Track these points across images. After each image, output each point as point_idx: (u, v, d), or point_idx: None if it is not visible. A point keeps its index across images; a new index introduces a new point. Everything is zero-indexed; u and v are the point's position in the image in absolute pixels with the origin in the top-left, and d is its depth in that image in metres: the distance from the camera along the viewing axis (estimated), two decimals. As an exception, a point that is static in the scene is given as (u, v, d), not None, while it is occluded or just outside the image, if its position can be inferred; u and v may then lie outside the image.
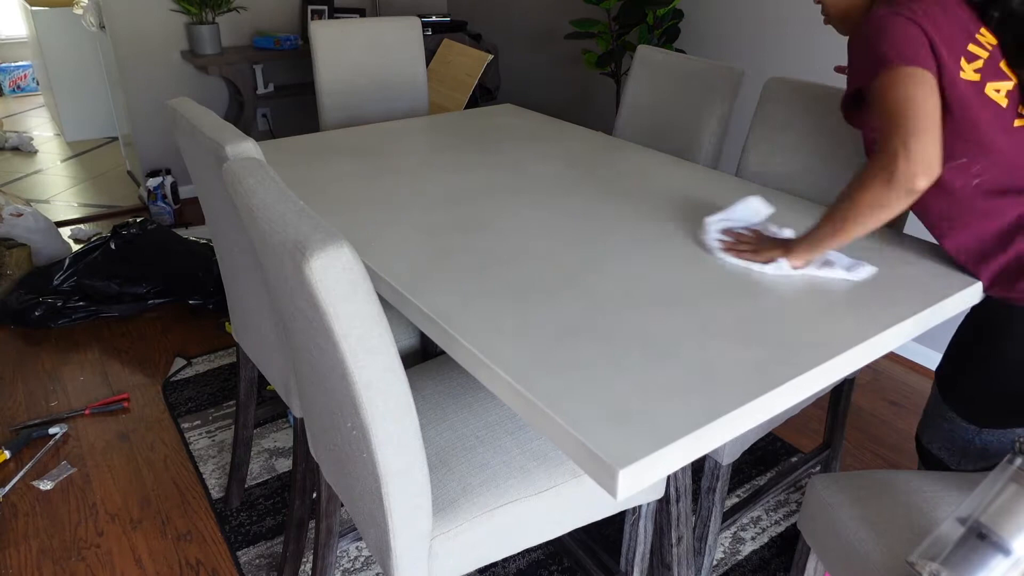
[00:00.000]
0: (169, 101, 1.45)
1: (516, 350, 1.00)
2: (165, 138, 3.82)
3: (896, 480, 1.19)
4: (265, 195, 0.97)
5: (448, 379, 1.36)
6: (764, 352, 1.00)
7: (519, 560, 1.70)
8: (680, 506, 1.27)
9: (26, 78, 6.19)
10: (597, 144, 1.95)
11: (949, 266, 1.28)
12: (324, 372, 0.98)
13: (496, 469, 1.15)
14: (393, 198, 1.55)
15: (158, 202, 3.57)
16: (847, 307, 1.13)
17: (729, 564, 1.71)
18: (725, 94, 1.97)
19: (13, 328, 2.67)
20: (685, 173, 1.73)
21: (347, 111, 2.53)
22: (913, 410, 2.29)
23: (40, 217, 3.00)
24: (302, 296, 0.89)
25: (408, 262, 1.25)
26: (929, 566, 0.88)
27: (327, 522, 1.34)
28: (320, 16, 3.98)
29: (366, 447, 0.95)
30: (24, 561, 1.70)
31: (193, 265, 2.81)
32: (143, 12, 3.56)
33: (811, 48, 2.59)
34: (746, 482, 1.96)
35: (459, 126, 2.12)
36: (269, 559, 1.71)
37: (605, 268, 1.24)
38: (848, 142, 1.65)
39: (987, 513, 0.87)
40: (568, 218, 1.45)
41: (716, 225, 1.35)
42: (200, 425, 2.16)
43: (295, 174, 1.70)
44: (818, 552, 1.20)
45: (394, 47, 2.56)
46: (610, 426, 0.85)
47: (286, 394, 1.45)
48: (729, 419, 0.88)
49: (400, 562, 1.05)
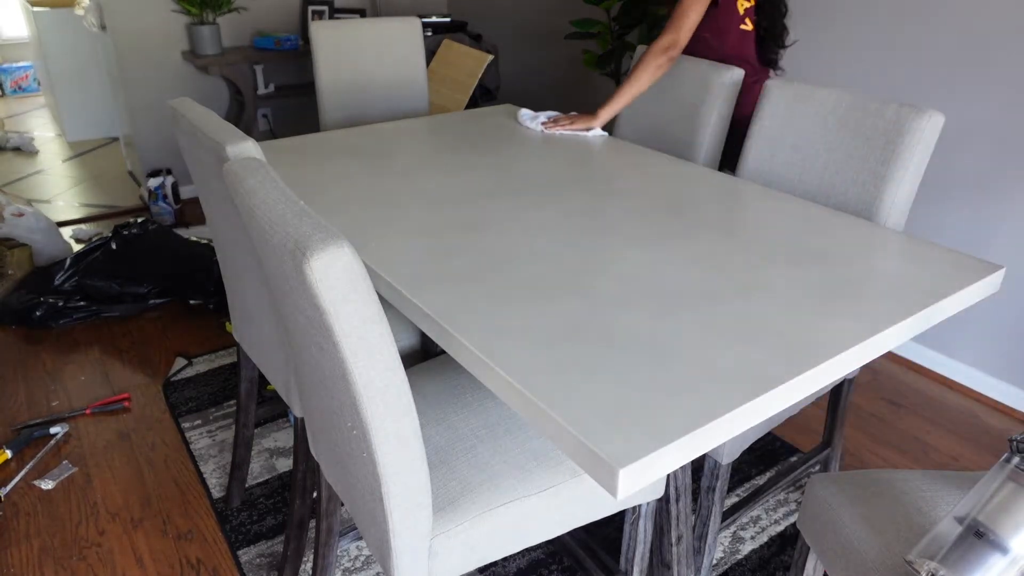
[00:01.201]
0: (170, 101, 1.45)
1: (516, 350, 1.00)
2: (166, 138, 3.83)
3: (895, 479, 1.19)
4: (266, 195, 0.97)
5: (448, 379, 1.36)
6: (764, 352, 1.01)
7: (519, 559, 1.70)
8: (680, 505, 1.28)
9: (27, 78, 6.20)
10: (596, 144, 1.95)
11: (949, 266, 1.28)
12: (324, 372, 0.98)
13: (496, 468, 1.15)
14: (393, 198, 1.55)
15: (159, 202, 3.57)
16: (847, 307, 1.13)
17: (729, 563, 1.71)
18: (724, 95, 1.98)
19: (14, 328, 2.67)
20: (685, 173, 1.73)
21: (347, 111, 2.53)
22: (912, 410, 2.29)
23: (41, 217, 3.00)
24: (302, 296, 0.89)
25: (408, 262, 1.26)
26: (927, 564, 0.88)
27: (327, 521, 1.34)
28: (320, 16, 3.98)
29: (366, 447, 0.96)
30: (25, 560, 1.70)
31: (194, 265, 2.81)
32: (144, 13, 3.56)
33: (810, 48, 2.59)
34: (746, 481, 1.97)
35: (459, 126, 2.12)
36: (269, 558, 1.71)
37: (605, 268, 1.24)
38: (848, 142, 1.65)
39: (985, 512, 0.87)
40: (568, 218, 1.45)
41: (530, 116, 2.11)
42: (201, 425, 2.17)
43: (295, 174, 1.71)
44: (817, 551, 1.20)
45: (394, 47, 2.57)
46: (610, 425, 0.86)
47: (286, 394, 1.45)
48: (729, 418, 0.89)
49: (400, 561, 1.05)
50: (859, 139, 1.63)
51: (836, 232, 1.41)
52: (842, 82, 2.52)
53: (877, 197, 1.59)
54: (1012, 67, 2.08)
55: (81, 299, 2.70)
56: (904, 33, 2.31)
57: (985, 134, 2.18)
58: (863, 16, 2.41)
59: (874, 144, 1.60)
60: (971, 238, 2.28)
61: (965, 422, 2.24)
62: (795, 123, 1.76)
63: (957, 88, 2.22)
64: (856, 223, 1.46)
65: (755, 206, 1.54)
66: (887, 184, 1.58)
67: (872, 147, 1.61)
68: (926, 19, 2.25)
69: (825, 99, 1.71)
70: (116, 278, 2.73)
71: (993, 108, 2.15)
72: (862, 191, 1.62)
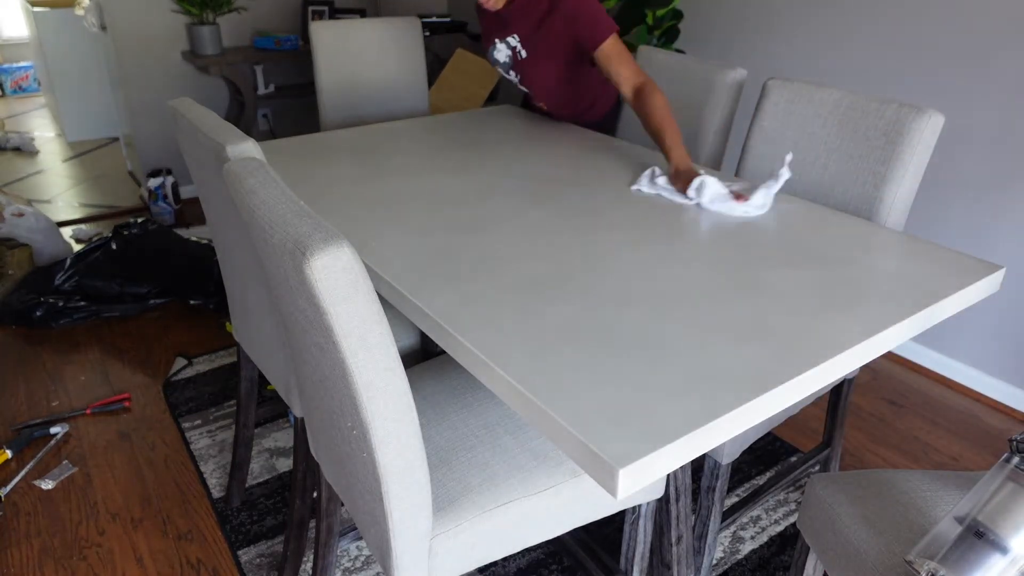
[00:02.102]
0: (170, 101, 1.45)
1: (516, 349, 1.00)
2: (166, 138, 3.83)
3: (895, 479, 1.19)
4: (266, 195, 0.97)
5: (448, 379, 1.36)
6: (764, 352, 1.01)
7: (519, 559, 1.70)
8: (680, 505, 1.27)
9: (28, 79, 6.20)
10: (597, 144, 1.95)
11: (949, 266, 1.28)
12: (324, 372, 0.98)
13: (496, 469, 1.15)
14: (393, 198, 1.55)
15: (159, 202, 3.57)
16: (847, 307, 1.13)
17: (729, 563, 1.71)
18: (727, 95, 1.98)
19: (14, 328, 2.67)
20: (685, 173, 1.73)
21: (347, 111, 2.53)
22: (912, 410, 2.29)
23: (41, 217, 3.00)
24: (302, 296, 0.89)
25: (408, 262, 1.26)
26: (927, 564, 0.88)
27: (327, 521, 1.34)
28: (320, 16, 3.98)
29: (366, 447, 0.96)
30: (26, 560, 1.70)
31: (194, 265, 2.81)
32: (144, 13, 3.56)
33: (810, 48, 2.59)
34: (745, 481, 1.97)
35: (459, 126, 2.12)
36: (270, 558, 1.71)
37: (605, 268, 1.24)
38: (848, 142, 1.65)
39: (985, 511, 0.87)
40: (568, 218, 1.45)
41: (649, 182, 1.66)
42: (201, 425, 2.17)
43: (295, 174, 1.71)
44: (817, 551, 1.20)
45: (394, 47, 2.57)
46: (610, 425, 0.86)
47: (286, 394, 1.45)
48: (728, 418, 0.89)
49: (400, 561, 1.05)
50: (859, 139, 1.63)
51: (836, 232, 1.41)
52: (842, 82, 2.52)
53: (877, 197, 1.59)
54: (1012, 67, 2.08)
55: (81, 299, 2.70)
56: (904, 33, 2.31)
57: (985, 134, 2.18)
58: (863, 16, 2.41)
59: (874, 144, 1.60)
60: (971, 238, 2.28)
61: (965, 422, 2.24)
62: (795, 123, 1.75)
63: (957, 88, 2.22)
64: (856, 223, 1.46)
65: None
66: (887, 184, 1.58)
67: (872, 147, 1.61)
68: (926, 19, 2.25)
69: (825, 99, 1.71)
70: (116, 278, 2.73)
71: (993, 108, 2.15)
72: (862, 191, 1.62)
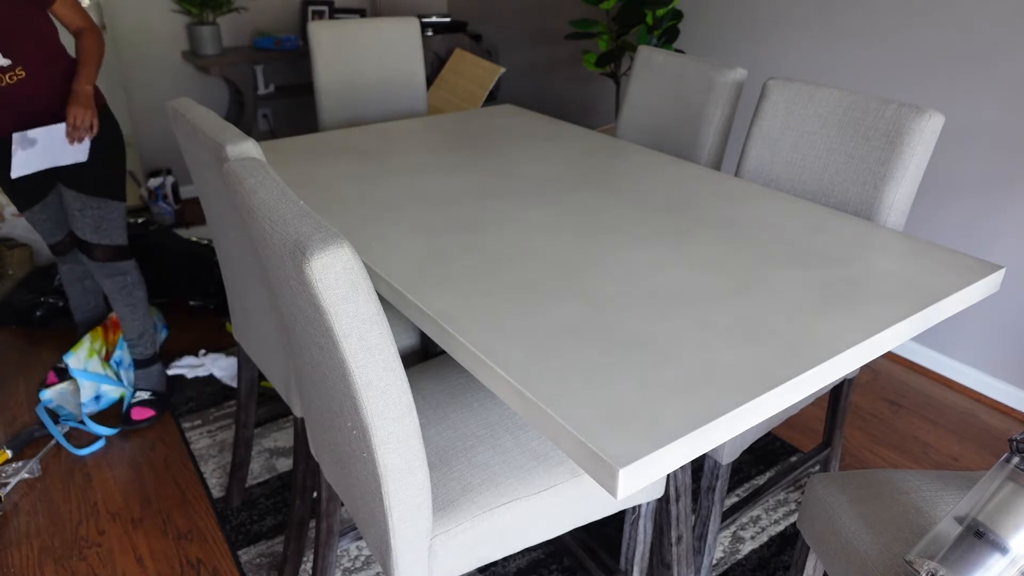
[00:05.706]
0: (170, 101, 1.45)
1: (516, 350, 1.00)
2: (166, 138, 3.83)
3: (895, 479, 1.19)
4: (266, 195, 0.97)
5: (448, 379, 1.36)
6: (763, 352, 1.01)
7: (519, 559, 1.70)
8: (680, 505, 1.28)
9: (27, 78, 6.18)
10: (597, 144, 1.95)
11: (949, 266, 1.28)
12: (324, 372, 0.98)
13: (496, 469, 1.15)
14: (393, 198, 1.55)
15: (159, 202, 3.57)
16: (846, 307, 1.13)
17: (729, 563, 1.71)
18: (727, 95, 1.98)
19: (15, 328, 2.67)
20: (686, 173, 1.73)
21: (347, 111, 2.53)
22: (912, 410, 2.29)
23: (41, 217, 3.00)
24: (302, 296, 0.89)
25: (408, 262, 1.26)
26: (927, 564, 0.88)
27: (327, 521, 1.34)
28: (320, 16, 3.98)
29: (366, 447, 0.96)
30: (26, 560, 1.70)
31: (194, 265, 2.81)
32: (144, 13, 3.56)
33: (810, 48, 2.59)
34: (745, 481, 1.97)
35: (459, 126, 2.12)
36: (270, 558, 1.71)
37: (605, 268, 1.24)
38: (848, 142, 1.65)
39: (984, 511, 0.87)
40: (568, 218, 1.45)
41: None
42: (201, 425, 2.17)
43: (295, 174, 1.71)
44: (817, 551, 1.20)
45: (394, 47, 2.57)
46: (610, 425, 0.86)
47: (286, 394, 1.45)
48: (728, 418, 0.89)
49: (400, 561, 1.05)
50: (859, 139, 1.63)
51: (836, 232, 1.41)
52: (842, 82, 2.52)
53: (877, 197, 1.59)
54: (1012, 67, 2.08)
55: (81, 299, 2.70)
56: (904, 33, 2.31)
57: (985, 134, 2.18)
58: (863, 16, 2.41)
59: (874, 144, 1.60)
60: (971, 238, 2.28)
61: (965, 422, 2.24)
62: (795, 123, 1.76)
63: (957, 88, 2.22)
64: (856, 223, 1.46)
65: (755, 206, 1.54)
66: (887, 184, 1.58)
67: (872, 147, 1.61)
68: (926, 18, 2.25)
69: (825, 99, 1.71)
70: (116, 278, 2.73)
71: (993, 108, 2.15)
72: (862, 191, 1.62)
